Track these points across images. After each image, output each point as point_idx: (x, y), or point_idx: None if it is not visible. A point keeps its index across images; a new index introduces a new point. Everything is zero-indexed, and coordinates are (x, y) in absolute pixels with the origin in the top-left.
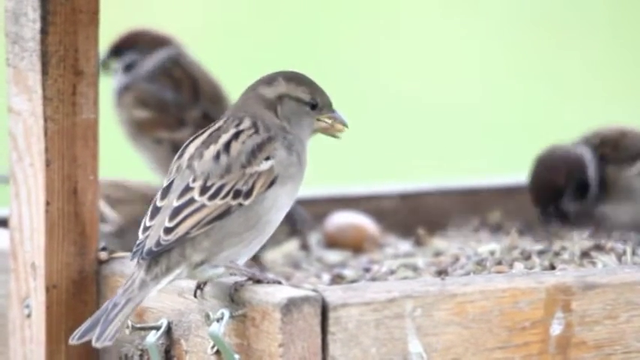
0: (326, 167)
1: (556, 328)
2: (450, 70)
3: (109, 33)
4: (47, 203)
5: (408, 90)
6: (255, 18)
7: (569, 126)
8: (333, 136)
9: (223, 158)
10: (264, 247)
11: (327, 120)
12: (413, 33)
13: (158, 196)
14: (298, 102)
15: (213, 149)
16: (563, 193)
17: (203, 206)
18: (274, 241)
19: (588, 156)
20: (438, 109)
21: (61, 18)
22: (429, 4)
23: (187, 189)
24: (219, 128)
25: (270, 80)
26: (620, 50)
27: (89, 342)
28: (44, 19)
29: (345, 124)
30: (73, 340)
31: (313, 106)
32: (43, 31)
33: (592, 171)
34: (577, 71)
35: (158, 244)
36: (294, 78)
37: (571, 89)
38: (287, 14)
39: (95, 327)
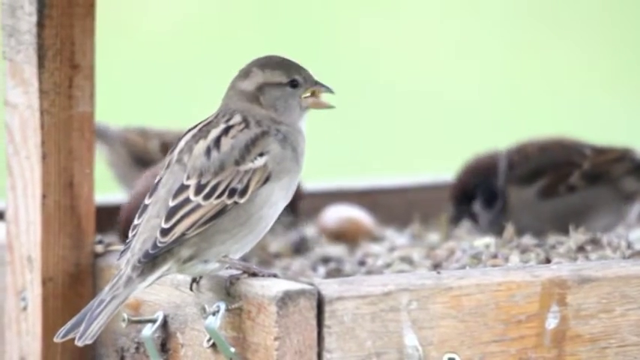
0: (322, 161)
1: (551, 322)
2: (448, 65)
3: (105, 26)
4: (43, 196)
5: (404, 84)
6: (254, 13)
7: (566, 121)
8: (326, 107)
9: (214, 154)
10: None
11: (309, 94)
12: (412, 29)
13: (147, 194)
14: (278, 86)
15: (202, 144)
16: (473, 198)
17: (199, 206)
18: (272, 233)
19: (502, 166)
20: (434, 103)
21: (58, 11)
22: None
23: (182, 188)
24: (209, 123)
25: (245, 73)
26: (616, 44)
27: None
28: (40, 12)
29: (330, 91)
30: (58, 337)
31: (294, 85)
32: (40, 24)
33: (502, 182)
34: (575, 67)
35: (155, 246)
36: (268, 64)
37: (569, 86)
38: (287, 9)
39: (80, 324)
